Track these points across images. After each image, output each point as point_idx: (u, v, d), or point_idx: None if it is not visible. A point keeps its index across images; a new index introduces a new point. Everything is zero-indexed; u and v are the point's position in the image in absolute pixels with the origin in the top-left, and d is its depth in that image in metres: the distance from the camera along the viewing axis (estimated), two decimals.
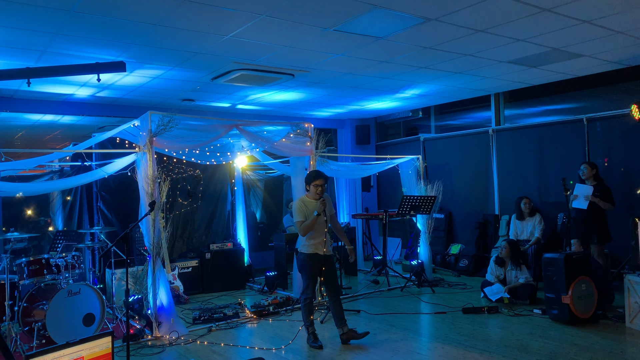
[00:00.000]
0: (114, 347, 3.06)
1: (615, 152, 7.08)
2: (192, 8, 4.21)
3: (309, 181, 5.04)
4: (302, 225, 4.91)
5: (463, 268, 8.49)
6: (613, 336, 4.98)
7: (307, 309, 5.02)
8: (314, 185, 4.97)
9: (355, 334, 5.03)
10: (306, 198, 5.05)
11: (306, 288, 5.04)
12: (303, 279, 5.09)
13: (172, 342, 5.20)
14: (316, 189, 4.96)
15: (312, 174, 5.08)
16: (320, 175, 5.01)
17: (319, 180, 4.98)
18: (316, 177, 4.99)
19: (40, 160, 6.26)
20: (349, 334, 5.02)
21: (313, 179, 5.00)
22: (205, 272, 7.67)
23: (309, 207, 4.96)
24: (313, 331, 4.99)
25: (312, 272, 5.01)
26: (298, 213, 4.96)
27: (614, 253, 6.76)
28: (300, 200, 5.06)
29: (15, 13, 4.17)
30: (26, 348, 4.87)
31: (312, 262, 4.98)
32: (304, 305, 5.03)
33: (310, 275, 5.01)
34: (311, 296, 5.04)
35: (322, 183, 4.98)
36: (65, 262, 5.36)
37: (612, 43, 5.64)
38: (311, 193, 5.01)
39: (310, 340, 4.96)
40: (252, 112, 9.27)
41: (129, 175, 5.75)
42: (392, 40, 5.30)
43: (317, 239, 4.98)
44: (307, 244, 4.99)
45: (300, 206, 4.98)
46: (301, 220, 4.92)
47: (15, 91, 6.83)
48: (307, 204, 4.99)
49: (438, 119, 10.24)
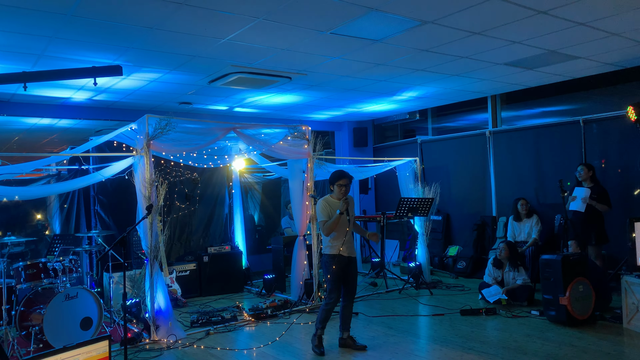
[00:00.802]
0: (111, 351, 3.06)
1: (612, 153, 7.10)
2: (189, 11, 4.21)
3: (333, 181, 4.91)
4: (325, 225, 4.79)
5: (461, 270, 8.49)
6: (610, 337, 4.99)
7: (326, 314, 4.87)
8: (337, 185, 4.84)
9: (353, 343, 4.97)
10: (330, 198, 4.93)
11: (330, 292, 4.85)
12: (327, 281, 4.89)
13: (170, 346, 5.19)
14: (340, 189, 4.83)
15: (336, 174, 4.94)
16: (344, 175, 4.88)
17: (344, 179, 4.84)
18: (340, 177, 4.87)
19: (38, 164, 6.24)
20: (348, 341, 4.98)
21: (337, 179, 4.87)
22: (203, 275, 7.66)
23: (332, 207, 4.85)
24: (320, 335, 4.86)
25: (335, 274, 4.83)
26: (322, 212, 4.83)
27: (611, 254, 6.78)
28: (324, 200, 4.94)
29: (12, 17, 4.17)
30: (23, 352, 4.85)
31: (335, 263, 4.83)
32: (325, 309, 4.87)
33: (333, 277, 4.83)
34: (335, 301, 4.85)
35: (347, 182, 4.85)
36: (62, 266, 5.35)
37: (607, 45, 5.67)
38: (335, 193, 4.89)
39: (314, 342, 4.85)
40: (249, 115, 9.28)
41: (126, 179, 5.74)
42: (388, 43, 5.32)
43: (339, 239, 4.83)
44: (331, 245, 4.87)
45: (324, 206, 4.87)
46: (324, 219, 4.81)
47: (12, 95, 6.82)
48: (330, 203, 4.87)
49: (435, 121, 10.26)
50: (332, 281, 4.84)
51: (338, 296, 4.89)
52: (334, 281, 4.84)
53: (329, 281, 4.86)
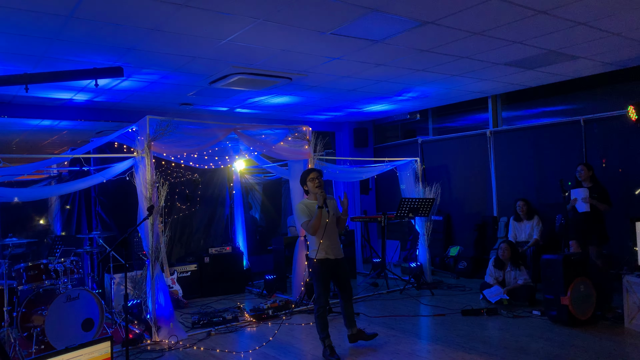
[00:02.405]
0: (113, 352, 3.06)
1: (613, 153, 7.10)
2: (189, 13, 4.22)
3: (303, 180, 4.86)
4: (308, 224, 4.69)
5: (462, 270, 8.49)
6: (612, 337, 4.98)
7: (321, 321, 4.74)
8: (309, 180, 4.79)
9: (364, 334, 5.02)
10: (306, 200, 4.89)
11: (319, 297, 4.77)
12: (315, 286, 4.83)
13: (171, 347, 5.19)
14: (313, 182, 4.76)
15: (304, 172, 4.93)
16: (312, 169, 4.89)
17: (312, 173, 4.81)
18: (309, 172, 4.85)
19: (39, 166, 6.24)
20: (358, 335, 5.00)
21: (306, 175, 4.85)
22: (204, 276, 7.66)
23: (310, 208, 4.77)
24: (330, 344, 4.69)
25: (323, 279, 4.77)
26: (302, 214, 4.76)
27: (613, 254, 6.77)
28: (301, 202, 4.88)
29: (13, 19, 4.18)
30: (25, 354, 4.85)
31: (323, 267, 4.75)
32: (318, 316, 4.76)
33: (321, 282, 4.76)
34: (324, 305, 4.75)
35: (317, 175, 4.78)
36: (63, 267, 5.35)
37: (608, 45, 5.67)
38: (310, 189, 4.81)
39: (326, 353, 4.65)
40: (250, 116, 9.28)
41: (127, 180, 5.74)
42: (389, 44, 5.32)
43: (325, 241, 4.73)
44: (317, 248, 4.75)
45: (302, 208, 4.80)
46: (307, 219, 4.71)
47: (14, 96, 6.83)
48: (307, 205, 4.81)
49: (436, 121, 10.25)
50: (320, 286, 4.77)
51: (327, 300, 4.80)
52: (321, 286, 4.77)
53: (317, 286, 4.79)
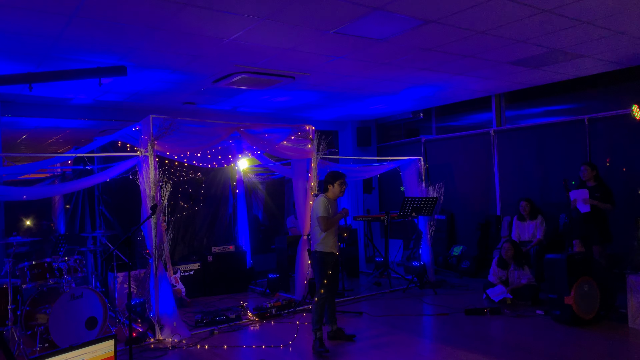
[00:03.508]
0: (116, 351, 3.06)
1: (617, 152, 7.07)
2: (193, 12, 4.22)
3: (334, 179, 5.09)
4: (327, 220, 4.97)
5: (465, 269, 8.48)
6: (616, 337, 4.97)
7: (320, 311, 4.96)
8: (339, 183, 5.09)
9: (343, 333, 5.24)
10: (326, 198, 5.11)
11: (321, 287, 4.99)
12: (318, 277, 5.06)
13: (174, 345, 5.20)
14: (341, 187, 5.11)
15: (336, 173, 5.16)
16: (343, 174, 5.16)
17: (343, 178, 5.13)
18: (342, 175, 5.13)
19: (42, 165, 6.28)
20: (337, 333, 5.24)
21: (339, 177, 5.11)
22: (208, 275, 7.68)
23: (330, 207, 5.07)
24: (320, 336, 4.90)
25: (327, 270, 5.00)
26: (323, 209, 5.00)
27: (617, 253, 6.75)
28: (323, 197, 5.11)
29: (17, 18, 4.18)
30: (29, 352, 4.87)
31: (329, 260, 5.01)
32: (318, 305, 4.96)
33: (325, 273, 5.00)
34: (326, 297, 5.00)
35: (345, 182, 5.17)
36: (67, 266, 5.37)
37: (613, 43, 5.64)
38: (334, 192, 5.09)
39: (316, 345, 4.87)
40: (253, 115, 9.28)
41: (130, 179, 5.75)
42: (392, 42, 5.31)
43: (332, 238, 5.04)
44: (324, 242, 5.01)
45: (324, 202, 5.05)
46: (326, 215, 4.98)
47: (17, 95, 6.85)
48: (330, 203, 5.10)
49: (439, 120, 10.23)
50: (323, 277, 5.01)
51: (329, 293, 5.07)
52: (325, 277, 5.01)
53: (323, 277, 5.01)
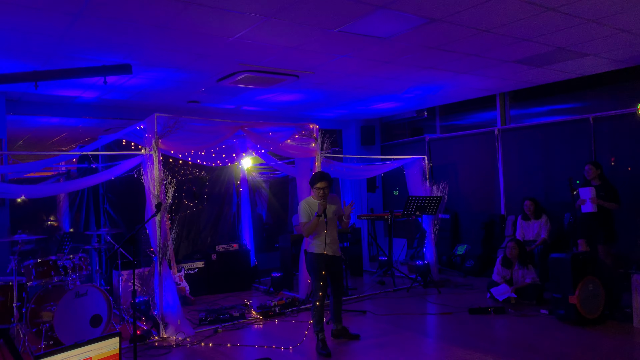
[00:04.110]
0: (121, 348, 3.08)
1: (622, 151, 7.04)
2: (197, 10, 4.23)
3: (312, 183, 4.95)
4: (304, 227, 4.92)
5: (469, 268, 8.46)
6: (620, 336, 4.95)
7: (318, 313, 4.88)
8: (315, 188, 4.89)
9: (346, 332, 5.21)
10: (311, 199, 5.00)
11: (316, 290, 4.92)
12: (312, 280, 5.03)
13: (178, 343, 5.22)
14: (318, 192, 4.87)
15: (315, 176, 4.96)
16: (323, 177, 4.89)
17: (321, 182, 4.85)
18: (319, 179, 4.88)
19: (47, 163, 6.30)
20: (341, 332, 5.22)
21: (316, 181, 4.89)
22: (211, 273, 7.69)
23: (312, 209, 4.90)
24: (323, 338, 4.85)
25: (319, 272, 4.90)
26: (302, 214, 4.95)
27: (622, 252, 6.72)
28: (305, 201, 5.03)
29: (23, 17, 4.20)
30: (34, 349, 4.90)
31: (319, 261, 4.91)
32: (316, 309, 4.89)
33: (318, 275, 4.90)
34: (321, 298, 4.87)
35: (325, 186, 4.85)
36: (72, 264, 5.39)
37: (617, 42, 5.62)
38: (314, 196, 4.96)
39: (319, 347, 4.82)
40: (257, 114, 9.29)
41: (135, 177, 5.77)
42: (396, 41, 5.30)
43: (320, 239, 4.92)
44: (315, 243, 4.96)
45: (304, 207, 4.96)
46: (304, 221, 4.93)
47: (23, 94, 6.88)
48: (311, 205, 4.94)
49: (443, 119, 10.22)
50: (317, 279, 4.92)
51: (324, 294, 4.93)
52: (318, 279, 4.91)
53: (314, 279, 4.96)
